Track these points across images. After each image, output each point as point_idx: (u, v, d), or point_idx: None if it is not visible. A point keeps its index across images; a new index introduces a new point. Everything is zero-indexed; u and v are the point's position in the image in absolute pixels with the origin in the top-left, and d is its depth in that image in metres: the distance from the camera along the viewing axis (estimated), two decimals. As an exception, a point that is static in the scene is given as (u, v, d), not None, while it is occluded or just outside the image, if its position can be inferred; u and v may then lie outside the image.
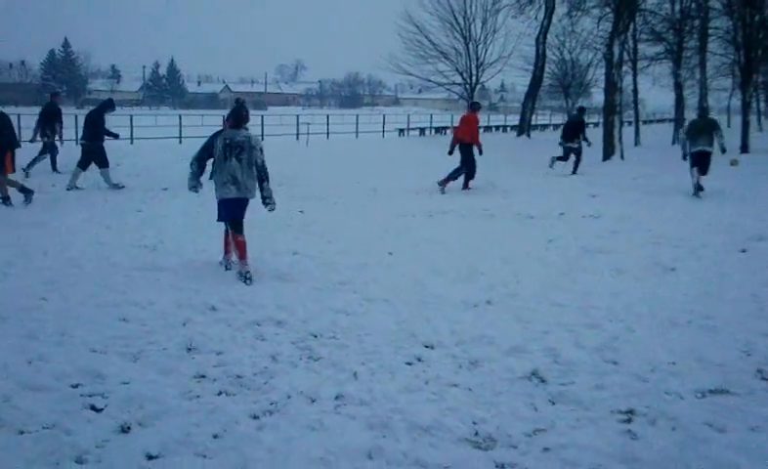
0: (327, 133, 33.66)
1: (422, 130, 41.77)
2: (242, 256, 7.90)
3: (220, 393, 4.81)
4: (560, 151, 20.20)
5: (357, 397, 4.72)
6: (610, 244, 9.85)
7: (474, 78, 34.64)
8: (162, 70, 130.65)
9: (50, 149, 17.25)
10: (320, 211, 12.50)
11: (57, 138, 17.39)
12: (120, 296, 6.92)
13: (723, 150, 15.47)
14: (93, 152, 14.81)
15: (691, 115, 27.83)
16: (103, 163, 14.86)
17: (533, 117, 44.68)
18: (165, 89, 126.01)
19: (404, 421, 4.35)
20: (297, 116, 33.77)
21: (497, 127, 52.10)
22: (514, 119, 53.56)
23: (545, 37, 39.09)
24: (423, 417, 4.40)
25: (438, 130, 42.88)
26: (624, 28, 25.00)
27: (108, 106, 15.49)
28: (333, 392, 4.80)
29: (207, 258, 8.64)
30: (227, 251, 8.32)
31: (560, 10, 38.92)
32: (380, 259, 8.82)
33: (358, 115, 39.24)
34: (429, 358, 5.51)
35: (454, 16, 33.87)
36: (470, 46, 34.10)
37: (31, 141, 17.02)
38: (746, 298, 7.15)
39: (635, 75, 37.11)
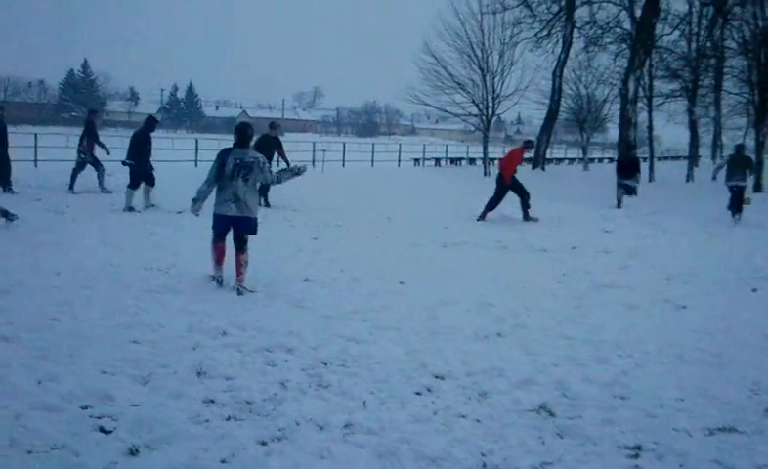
0: (343, 160, 33.80)
1: (437, 160, 41.89)
2: (217, 262, 8.53)
3: (229, 418, 4.83)
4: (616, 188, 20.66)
5: (365, 425, 4.73)
6: (621, 279, 9.87)
7: (490, 110, 34.67)
8: (181, 93, 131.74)
9: (94, 166, 17.47)
10: (333, 238, 12.56)
11: (90, 154, 17.46)
12: (132, 318, 6.96)
13: (757, 185, 16.12)
14: (137, 172, 14.93)
15: (706, 153, 28.07)
16: (133, 184, 14.96)
17: (549, 151, 44.65)
18: (183, 112, 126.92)
19: (411, 451, 4.37)
20: (313, 143, 33.93)
21: (513, 159, 52.07)
22: (530, 152, 53.55)
23: (562, 71, 39.13)
24: (431, 448, 4.41)
25: (453, 161, 43.04)
26: (640, 65, 25.17)
27: (153, 124, 15.60)
28: (342, 420, 4.81)
29: (211, 282, 8.68)
30: (218, 262, 8.58)
31: (577, 45, 39.17)
32: (392, 288, 8.86)
33: (374, 144, 39.34)
34: (439, 388, 5.52)
35: (472, 47, 33.95)
36: (487, 78, 34.11)
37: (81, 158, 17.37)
38: (757, 337, 7.15)
39: (650, 112, 37.14)
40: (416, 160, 39.94)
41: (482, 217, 16.32)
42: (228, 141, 15.05)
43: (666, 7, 33.74)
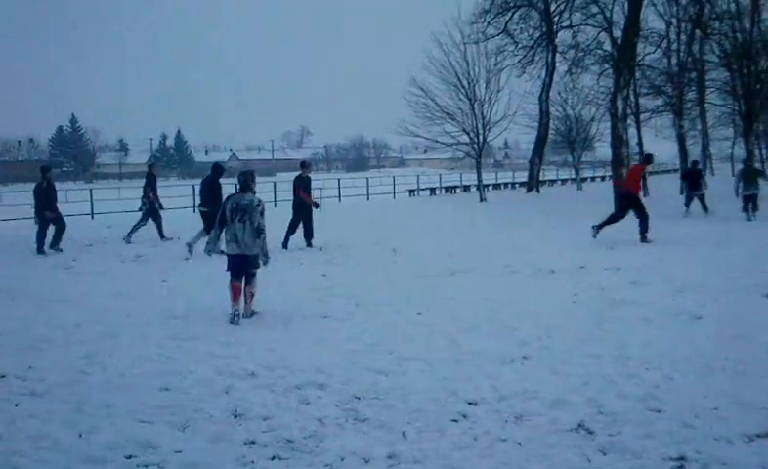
0: (339, 196, 33.97)
1: (432, 190, 42.12)
2: (233, 298, 9.05)
3: (273, 457, 4.85)
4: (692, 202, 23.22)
5: (410, 455, 4.77)
6: (634, 295, 9.94)
7: (481, 137, 34.99)
8: (169, 141, 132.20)
9: (153, 217, 18.28)
10: (342, 274, 12.61)
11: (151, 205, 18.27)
12: (159, 366, 7.00)
13: None
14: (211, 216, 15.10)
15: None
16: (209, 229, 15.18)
17: (541, 173, 45.01)
18: (173, 159, 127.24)
19: (460, 477, 4.40)
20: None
21: (506, 184, 52.51)
22: (521, 175, 53.92)
23: (548, 95, 39.70)
24: (478, 473, 4.45)
25: (448, 189, 43.25)
26: (626, 84, 25.50)
27: (220, 171, 16.19)
28: (384, 452, 4.85)
29: (236, 326, 8.72)
30: (233, 298, 9.10)
31: (561, 68, 39.69)
32: (410, 318, 8.91)
33: (368, 178, 39.59)
34: (474, 414, 5.56)
35: (458, 78, 34.37)
36: (475, 106, 34.49)
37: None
38: (777, 344, 7.21)
39: (639, 128, 37.54)
40: (411, 191, 40.21)
41: (598, 229, 16.44)
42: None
43: (646, 26, 34.24)
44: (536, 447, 4.88)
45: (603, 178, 66.54)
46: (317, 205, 17.22)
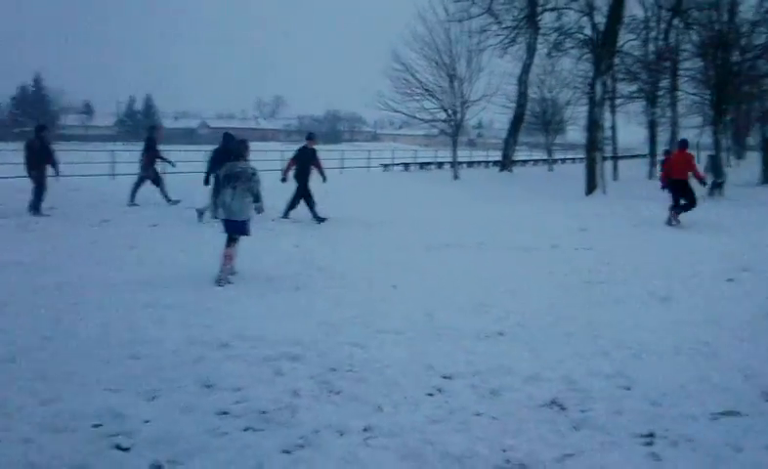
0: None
1: (407, 165, 42.06)
2: (224, 265, 9.38)
3: (247, 429, 4.84)
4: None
5: (385, 428, 4.79)
6: (605, 276, 10.07)
7: (459, 115, 34.97)
8: (138, 106, 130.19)
9: (154, 181, 18.29)
10: (318, 246, 12.57)
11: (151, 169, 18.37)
12: (128, 334, 6.89)
13: None
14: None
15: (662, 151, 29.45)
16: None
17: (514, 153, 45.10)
18: (141, 124, 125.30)
19: (435, 451, 4.43)
20: (281, 152, 33.83)
21: (480, 162, 52.58)
22: (494, 154, 54.04)
23: (527, 76, 39.73)
24: (454, 447, 4.48)
25: (422, 165, 43.19)
26: (606, 69, 25.58)
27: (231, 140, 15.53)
28: (360, 425, 4.86)
29: (209, 295, 8.66)
30: (225, 264, 9.43)
31: (542, 50, 39.67)
32: (386, 292, 8.93)
33: (343, 151, 39.39)
34: (449, 388, 5.59)
35: (440, 55, 34.25)
36: (455, 84, 34.43)
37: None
38: (741, 325, 7.41)
39: (614, 113, 37.69)
40: (385, 166, 40.11)
41: (676, 215, 16.26)
42: (191, 152, 15.14)
43: (627, 12, 34.31)
44: (511, 421, 4.93)
45: (573, 160, 66.94)
46: (284, 179, 16.92)
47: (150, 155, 18.34)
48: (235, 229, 9.60)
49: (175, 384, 5.62)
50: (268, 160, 23.55)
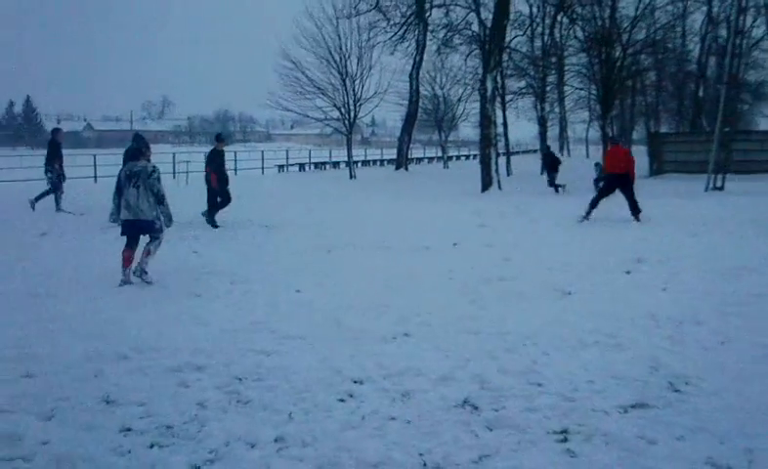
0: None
1: (302, 165, 41.78)
2: (125, 264, 9.45)
3: (152, 445, 4.59)
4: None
5: (298, 438, 4.64)
6: (507, 272, 10.15)
7: (352, 113, 34.98)
8: (17, 108, 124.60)
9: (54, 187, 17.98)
10: (214, 251, 12.28)
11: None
12: (18, 351, 6.47)
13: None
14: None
15: (553, 146, 30.43)
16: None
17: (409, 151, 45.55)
18: (22, 128, 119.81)
19: (351, 459, 4.32)
20: (173, 154, 33.03)
21: (375, 161, 52.84)
22: (389, 152, 54.43)
23: (418, 73, 40.12)
24: (370, 453, 4.38)
25: (317, 165, 43.02)
26: (496, 65, 26.05)
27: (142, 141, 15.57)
28: (272, 435, 4.70)
29: (103, 305, 8.28)
30: (124, 264, 9.49)
31: (432, 47, 40.20)
32: (289, 297, 8.75)
33: (236, 152, 38.74)
34: (361, 393, 5.49)
35: (330, 52, 34.17)
36: (347, 82, 34.43)
37: None
38: (642, 316, 7.53)
39: (504, 109, 38.55)
40: (280, 167, 39.72)
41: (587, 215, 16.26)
42: (78, 155, 14.64)
43: (513, 9, 35.13)
44: (425, 424, 4.86)
45: (467, 156, 68.24)
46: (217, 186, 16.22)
47: (59, 160, 17.94)
48: (142, 228, 9.63)
49: (73, 402, 5.31)
50: (162, 163, 22.91)
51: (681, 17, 47.63)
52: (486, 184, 24.73)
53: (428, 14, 38.49)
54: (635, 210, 15.98)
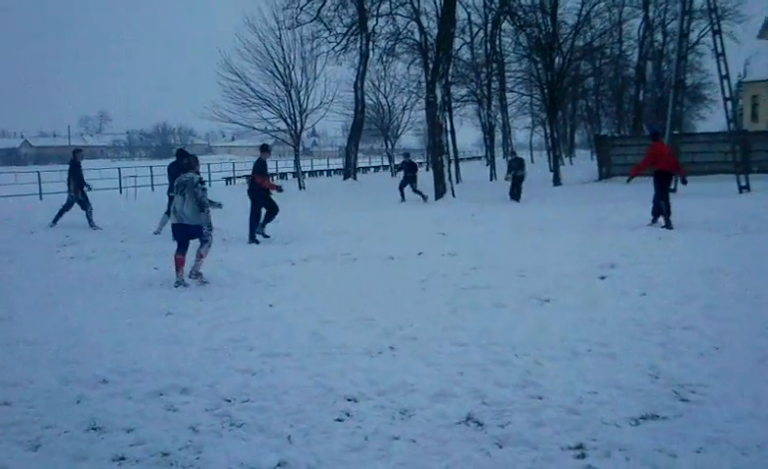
0: (152, 185, 32.39)
1: (248, 177, 41.22)
2: (178, 266, 10.35)
3: (150, 475, 4.37)
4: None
5: (301, 462, 4.44)
6: (479, 280, 10.05)
7: (298, 124, 34.65)
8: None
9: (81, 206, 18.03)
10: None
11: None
12: (-9, 378, 6.17)
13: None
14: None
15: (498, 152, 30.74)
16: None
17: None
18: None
19: (363, 483, 4.14)
20: (119, 169, 32.25)
21: (322, 171, 52.55)
22: (334, 162, 54.24)
23: (363, 82, 40.02)
24: (382, 476, 4.21)
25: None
26: (444, 73, 26.10)
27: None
28: (274, 459, 4.48)
29: (72, 326, 7.93)
30: (176, 268, 10.39)
31: (374, 56, 40.19)
32: (262, 312, 8.52)
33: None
34: (357, 412, 5.30)
35: (274, 64, 33.78)
36: (292, 92, 34.09)
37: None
38: (627, 322, 7.47)
39: (451, 117, 38.71)
40: (228, 179, 39.15)
41: (665, 220, 15.11)
42: (19, 172, 14.19)
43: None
44: (431, 443, 4.70)
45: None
46: (280, 189, 16.66)
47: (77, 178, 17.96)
48: (188, 233, 10.51)
49: (58, 429, 5.04)
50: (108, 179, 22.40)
51: (618, 23, 48.76)
52: (439, 191, 24.68)
53: (375, 24, 38.47)
54: (659, 213, 15.32)
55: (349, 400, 5.55)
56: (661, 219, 15.16)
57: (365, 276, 10.77)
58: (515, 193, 24.12)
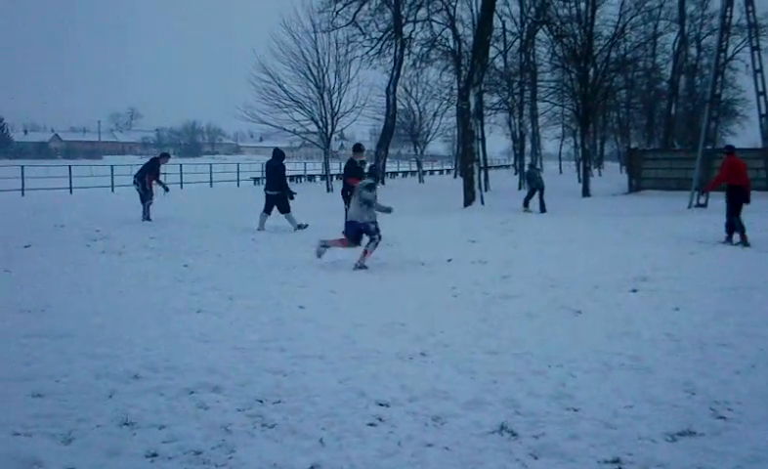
0: (181, 182, 32.65)
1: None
2: (340, 244, 12.27)
3: (185, 472, 4.35)
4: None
5: (336, 465, 4.41)
6: (509, 289, 9.98)
7: (330, 127, 34.81)
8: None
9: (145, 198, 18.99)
10: (205, 264, 11.98)
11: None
12: (25, 368, 6.19)
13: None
14: (280, 199, 17.57)
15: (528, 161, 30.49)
16: (286, 209, 17.57)
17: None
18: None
19: (397, 490, 4.10)
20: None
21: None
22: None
23: (395, 87, 40.04)
24: (416, 483, 4.16)
25: (292, 178, 42.60)
26: (479, 80, 25.99)
27: (281, 155, 18.49)
28: (307, 462, 4.45)
29: (103, 321, 7.95)
30: (337, 245, 12.20)
31: (408, 61, 40.21)
32: (293, 313, 8.50)
33: (211, 164, 38.29)
34: (389, 416, 5.25)
35: (308, 66, 33.98)
36: (325, 95, 34.27)
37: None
38: (662, 337, 7.36)
39: (482, 124, 38.63)
40: (256, 179, 39.33)
41: (742, 238, 14.60)
42: (49, 166, 14.34)
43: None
44: (466, 451, 4.64)
45: (441, 171, 68.39)
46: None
47: (151, 176, 19.08)
48: (358, 230, 12.11)
49: (91, 423, 5.01)
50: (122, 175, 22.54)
51: (653, 36, 48.37)
52: (468, 199, 24.61)
53: (410, 29, 38.51)
54: (733, 230, 14.79)
55: (381, 404, 5.50)
56: (736, 235, 14.71)
57: (395, 280, 10.75)
58: (542, 205, 23.96)
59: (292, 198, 17.73)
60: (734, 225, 14.81)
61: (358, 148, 16.63)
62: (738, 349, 6.85)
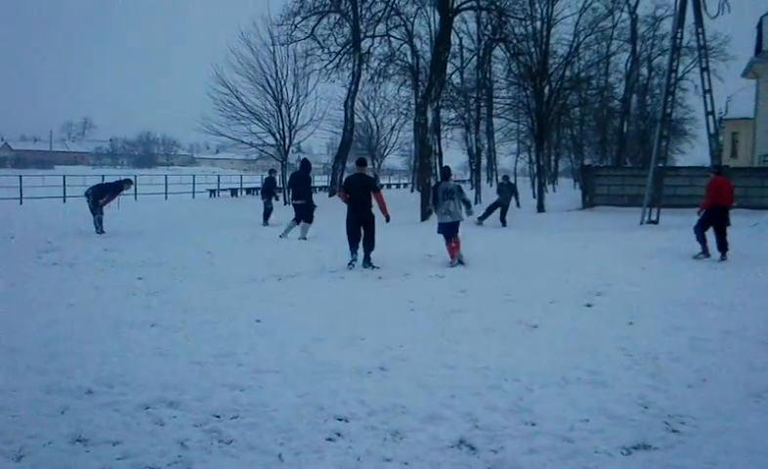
0: (135, 193, 32.21)
1: (234, 191, 41.11)
2: (452, 253, 14.00)
3: (138, 490, 4.27)
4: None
5: (295, 482, 4.38)
6: (466, 304, 10.01)
7: (287, 139, 34.70)
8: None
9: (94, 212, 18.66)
10: (162, 278, 11.78)
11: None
12: (-29, 384, 6.05)
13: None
14: (306, 208, 18.16)
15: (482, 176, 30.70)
16: (309, 219, 18.22)
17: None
18: None
19: (358, 505, 4.07)
20: (102, 176, 32.07)
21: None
22: (319, 180, 54.25)
23: (353, 101, 40.04)
24: (376, 499, 4.14)
25: (248, 191, 42.36)
26: (437, 96, 26.15)
27: (309, 165, 19.40)
28: (266, 478, 4.42)
29: (55, 335, 7.80)
30: (451, 254, 14.01)
31: (366, 76, 40.27)
32: (250, 327, 8.42)
33: (167, 175, 37.89)
34: (348, 431, 5.23)
35: (266, 78, 33.88)
36: (282, 108, 34.17)
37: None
38: (616, 351, 7.42)
39: (439, 140, 38.80)
40: (212, 191, 39.02)
41: (723, 253, 14.71)
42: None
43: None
44: (425, 466, 4.65)
45: (398, 185, 68.66)
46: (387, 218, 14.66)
47: (110, 198, 18.95)
48: (455, 228, 14.10)
49: (42, 440, 4.92)
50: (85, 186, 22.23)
51: (606, 56, 49.25)
52: (426, 212, 24.69)
53: (369, 44, 38.59)
54: (725, 247, 14.81)
55: (339, 419, 5.48)
56: (729, 253, 14.79)
57: (353, 293, 10.72)
58: (503, 218, 24.28)
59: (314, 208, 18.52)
60: (699, 235, 15.09)
61: (362, 161, 15.38)
62: (690, 363, 6.96)
